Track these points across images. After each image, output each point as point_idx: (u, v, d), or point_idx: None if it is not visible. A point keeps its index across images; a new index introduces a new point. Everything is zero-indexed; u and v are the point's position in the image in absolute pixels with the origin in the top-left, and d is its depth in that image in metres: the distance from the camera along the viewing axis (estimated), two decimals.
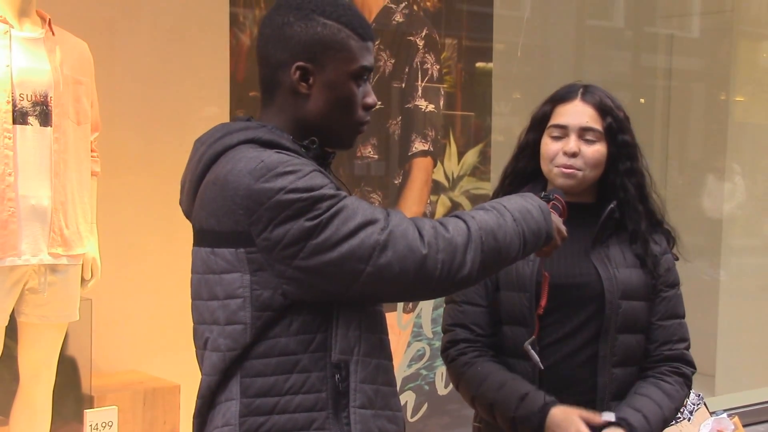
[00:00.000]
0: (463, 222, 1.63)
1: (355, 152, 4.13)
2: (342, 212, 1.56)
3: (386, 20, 4.24)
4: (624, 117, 2.29)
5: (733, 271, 5.89)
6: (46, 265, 2.99)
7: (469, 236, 1.61)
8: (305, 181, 1.55)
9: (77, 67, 3.06)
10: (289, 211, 1.54)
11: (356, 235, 1.55)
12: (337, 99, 1.67)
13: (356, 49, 1.67)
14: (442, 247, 1.58)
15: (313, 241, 1.54)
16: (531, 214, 1.72)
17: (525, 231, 1.70)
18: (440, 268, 1.58)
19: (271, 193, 1.54)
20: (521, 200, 1.75)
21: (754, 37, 6.39)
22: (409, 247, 1.56)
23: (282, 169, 1.55)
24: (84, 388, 3.44)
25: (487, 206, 1.71)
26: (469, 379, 2.27)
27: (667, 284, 2.31)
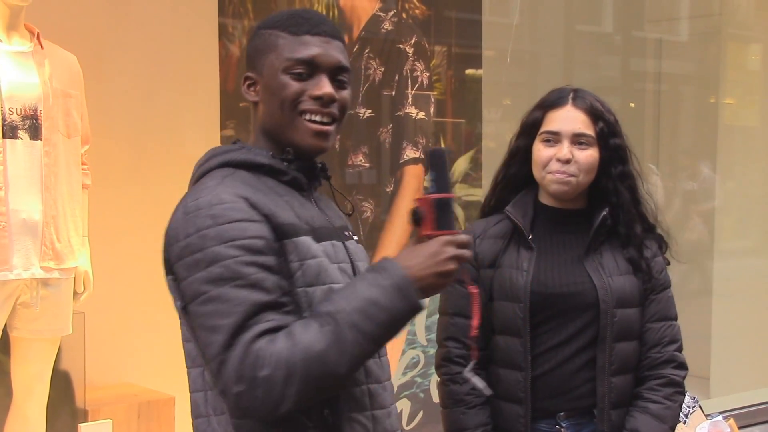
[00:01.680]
0: (287, 352, 1.46)
1: (346, 161, 4.13)
2: (220, 303, 1.50)
3: (375, 28, 4.24)
4: (614, 120, 2.29)
5: (725, 274, 5.90)
6: (38, 279, 2.98)
7: (289, 371, 1.46)
8: (216, 231, 1.52)
9: (66, 80, 3.06)
10: (190, 260, 1.53)
11: (212, 334, 1.49)
12: (273, 96, 1.67)
13: (285, 46, 1.67)
14: (257, 385, 1.46)
15: (192, 304, 1.53)
16: (378, 305, 1.50)
17: (368, 330, 1.50)
18: (257, 405, 1.47)
19: (186, 233, 1.54)
20: (367, 289, 1.52)
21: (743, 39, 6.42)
22: (228, 379, 1.47)
23: (205, 212, 1.53)
24: (78, 401, 3.42)
25: (323, 314, 1.51)
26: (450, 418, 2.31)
27: (657, 287, 2.32)
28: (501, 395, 2.28)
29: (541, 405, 2.25)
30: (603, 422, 2.24)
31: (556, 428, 2.26)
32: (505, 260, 2.28)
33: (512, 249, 2.29)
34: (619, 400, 2.26)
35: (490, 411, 2.30)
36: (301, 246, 1.58)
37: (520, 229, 2.28)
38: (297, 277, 1.57)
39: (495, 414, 2.29)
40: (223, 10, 3.85)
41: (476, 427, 2.27)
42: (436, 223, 1.59)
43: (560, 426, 2.26)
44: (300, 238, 1.59)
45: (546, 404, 2.25)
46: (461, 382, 2.28)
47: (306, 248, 1.59)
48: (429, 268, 1.55)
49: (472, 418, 2.27)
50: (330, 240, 1.67)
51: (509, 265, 2.27)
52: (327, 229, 1.68)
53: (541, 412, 2.25)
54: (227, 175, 1.62)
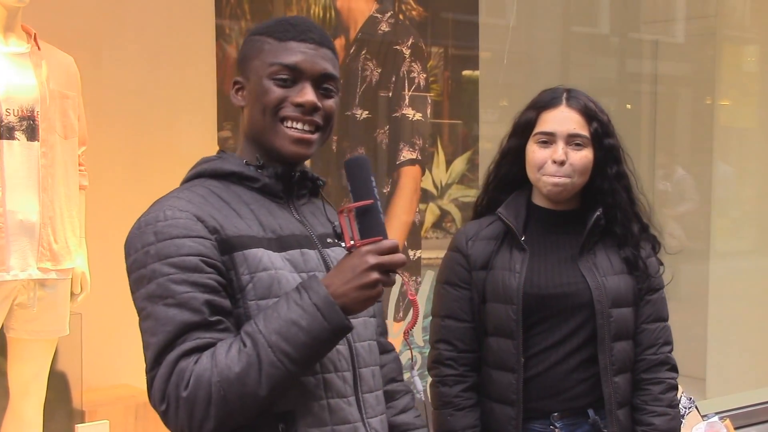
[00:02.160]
0: (208, 373, 1.47)
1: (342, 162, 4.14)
2: (151, 321, 1.53)
3: (372, 30, 4.25)
4: (607, 120, 2.29)
5: (721, 274, 5.91)
6: (35, 280, 2.98)
7: (210, 392, 1.47)
8: (156, 248, 1.54)
9: (64, 81, 3.06)
10: (136, 275, 1.57)
11: (145, 350, 1.54)
12: (256, 101, 1.67)
13: (270, 51, 1.67)
14: (180, 405, 1.48)
15: (139, 319, 1.57)
16: (298, 325, 1.47)
17: (288, 351, 1.47)
18: (181, 424, 1.50)
19: (135, 248, 1.57)
20: (287, 310, 1.49)
21: (738, 41, 6.43)
22: (154, 397, 1.53)
23: (151, 228, 1.55)
24: (75, 402, 3.42)
25: (244, 335, 1.50)
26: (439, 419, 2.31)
27: (651, 288, 2.33)
28: (493, 397, 2.28)
29: (535, 406, 2.26)
30: (612, 424, 2.24)
31: (550, 428, 2.26)
32: (498, 262, 2.28)
33: (505, 250, 2.29)
34: (623, 400, 2.27)
35: (479, 414, 2.30)
36: (251, 259, 1.56)
37: (512, 231, 2.28)
38: (248, 290, 1.56)
39: (486, 416, 2.29)
40: (220, 12, 3.85)
41: (464, 429, 2.28)
42: (360, 234, 1.52)
43: (554, 426, 2.26)
44: (251, 250, 1.56)
45: (540, 405, 2.26)
46: (451, 384, 2.28)
47: (257, 261, 1.56)
48: (349, 283, 1.50)
49: (459, 420, 2.28)
50: (299, 248, 1.64)
51: (502, 266, 2.27)
52: (298, 237, 1.65)
53: (534, 412, 2.26)
54: (191, 187, 1.64)
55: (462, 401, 2.28)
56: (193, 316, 1.51)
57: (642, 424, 2.28)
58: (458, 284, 2.30)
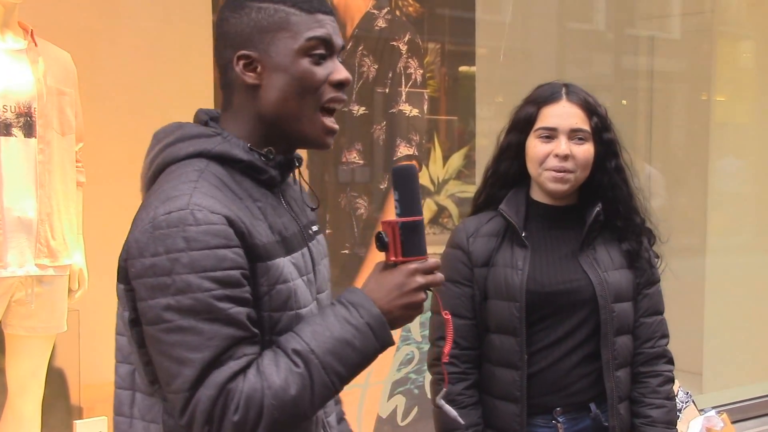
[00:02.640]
0: (260, 394, 1.40)
1: (340, 158, 4.14)
2: (190, 335, 1.39)
3: (369, 26, 4.24)
4: (605, 114, 2.30)
5: (718, 269, 5.92)
6: (33, 277, 2.99)
7: (261, 415, 1.40)
8: (190, 257, 1.38)
9: (61, 77, 3.06)
10: (154, 281, 1.40)
11: (179, 366, 1.40)
12: (291, 81, 1.51)
13: (299, 24, 1.50)
14: (226, 427, 1.40)
15: (151, 327, 1.42)
16: (351, 345, 1.44)
17: (341, 372, 1.45)
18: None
19: (154, 251, 1.40)
20: (339, 329, 1.45)
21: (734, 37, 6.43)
22: (197, 419, 1.40)
23: (178, 232, 1.39)
24: (73, 398, 3.43)
25: (293, 353, 1.44)
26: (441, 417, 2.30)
27: (649, 281, 2.34)
28: (496, 394, 2.28)
29: (538, 401, 2.26)
30: (613, 418, 2.25)
31: (553, 423, 2.26)
32: (500, 259, 2.28)
33: (506, 247, 2.28)
34: (624, 394, 2.28)
35: (481, 411, 2.30)
36: (273, 270, 1.48)
37: (513, 227, 2.28)
38: (263, 301, 1.47)
39: (489, 413, 2.29)
40: (217, 6, 3.84)
41: (467, 428, 2.27)
42: (403, 248, 1.49)
43: (557, 421, 2.26)
44: (274, 261, 1.48)
45: (542, 400, 2.26)
46: (453, 382, 2.28)
47: (278, 273, 1.49)
48: (396, 301, 1.48)
49: (463, 418, 2.26)
50: (300, 249, 1.58)
51: (504, 263, 2.27)
52: (296, 235, 1.59)
53: (537, 408, 2.26)
54: (201, 172, 1.47)
55: (465, 399, 2.28)
56: (239, 331, 1.41)
57: (640, 417, 2.29)
58: (460, 281, 2.29)
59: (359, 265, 4.15)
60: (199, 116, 1.62)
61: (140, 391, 1.53)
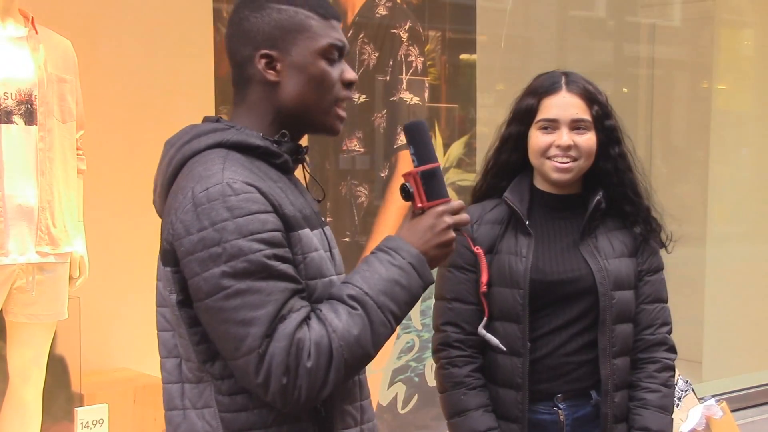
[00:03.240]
0: (327, 339, 1.49)
1: (340, 146, 4.14)
2: (249, 295, 1.47)
3: (370, 13, 4.24)
4: (606, 101, 2.30)
5: (718, 258, 5.93)
6: (34, 264, 2.99)
7: (331, 358, 1.49)
8: (236, 224, 1.47)
9: (61, 65, 3.05)
10: (206, 254, 1.47)
11: (245, 327, 1.47)
12: (310, 80, 1.63)
13: (319, 28, 1.63)
14: (302, 375, 1.47)
15: (210, 299, 1.49)
16: (399, 284, 1.55)
17: (395, 310, 1.55)
18: (301, 395, 1.48)
19: (200, 225, 1.48)
20: (385, 270, 1.56)
21: (735, 25, 6.42)
22: (274, 371, 1.47)
23: (219, 203, 1.48)
24: (74, 386, 3.44)
25: (348, 298, 1.54)
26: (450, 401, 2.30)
27: (651, 269, 2.34)
28: (498, 382, 2.28)
29: (539, 388, 2.26)
30: (607, 405, 2.25)
31: (554, 410, 2.27)
32: (504, 246, 2.28)
33: (510, 235, 2.29)
34: (622, 382, 2.28)
35: (489, 394, 2.31)
36: (304, 239, 1.57)
37: (517, 215, 2.28)
38: (299, 270, 1.55)
39: (492, 400, 2.29)
40: None
41: (478, 408, 2.27)
42: (426, 195, 1.62)
43: (557, 408, 2.27)
44: (303, 230, 1.58)
45: (543, 387, 2.26)
46: (461, 365, 2.28)
47: (309, 241, 1.58)
48: (430, 241, 1.60)
49: (473, 399, 2.27)
50: (318, 228, 1.66)
51: (508, 251, 2.27)
52: (313, 216, 1.66)
53: (538, 394, 2.26)
54: (225, 158, 1.55)
55: (473, 381, 2.28)
56: (292, 284, 1.51)
57: (634, 400, 2.29)
58: (464, 267, 2.30)
59: (360, 253, 4.15)
60: (208, 119, 1.70)
61: (188, 382, 1.59)
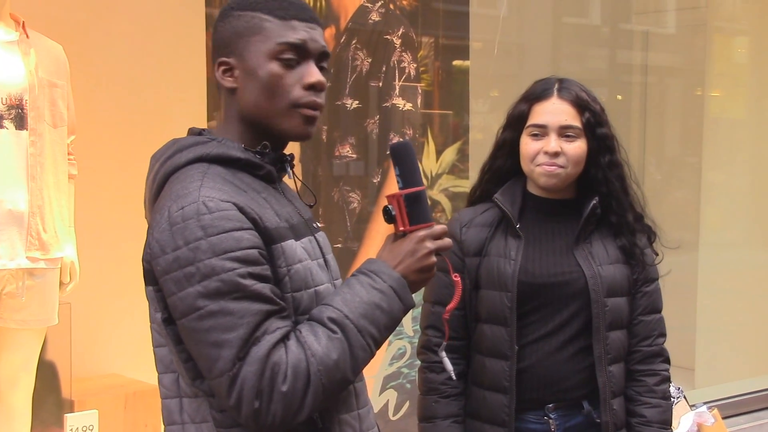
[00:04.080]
0: (305, 363, 1.46)
1: (333, 152, 4.13)
2: (222, 317, 1.44)
3: (363, 19, 4.23)
4: (600, 109, 2.29)
5: (711, 265, 5.93)
6: (24, 270, 2.97)
7: (309, 382, 1.46)
8: (209, 243, 1.45)
9: (53, 69, 3.04)
10: (180, 274, 1.46)
11: (217, 349, 1.45)
12: (261, 83, 1.58)
13: (271, 29, 1.58)
14: (276, 399, 1.44)
15: (185, 319, 1.47)
16: (380, 308, 1.53)
17: (375, 334, 1.53)
18: (276, 419, 1.45)
19: (174, 245, 1.46)
20: (366, 293, 1.54)
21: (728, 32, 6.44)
22: (245, 396, 1.44)
23: (194, 222, 1.45)
24: (64, 392, 3.42)
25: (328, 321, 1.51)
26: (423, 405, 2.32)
27: (647, 279, 2.33)
28: (485, 385, 2.28)
29: (530, 396, 2.25)
30: (607, 413, 2.25)
31: (545, 419, 2.26)
32: (492, 248, 2.28)
33: (499, 237, 2.29)
34: (618, 389, 2.28)
35: (463, 403, 2.30)
36: (288, 251, 1.55)
37: (508, 217, 2.28)
38: (284, 283, 1.54)
39: (479, 404, 2.29)
40: (210, 1, 3.83)
41: (446, 417, 2.28)
42: (409, 218, 1.60)
43: (548, 418, 2.26)
44: (287, 242, 1.55)
45: (534, 395, 2.25)
46: (438, 371, 2.28)
47: (292, 253, 1.56)
48: (411, 266, 1.58)
49: (443, 408, 2.28)
50: (306, 236, 1.64)
51: (496, 253, 2.27)
52: (302, 225, 1.64)
53: (529, 403, 2.25)
54: (204, 173, 1.53)
55: (448, 389, 2.28)
56: (267, 305, 1.47)
57: (635, 416, 2.29)
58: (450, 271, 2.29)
59: (352, 259, 4.14)
60: (192, 132, 1.68)
61: (186, 396, 1.58)
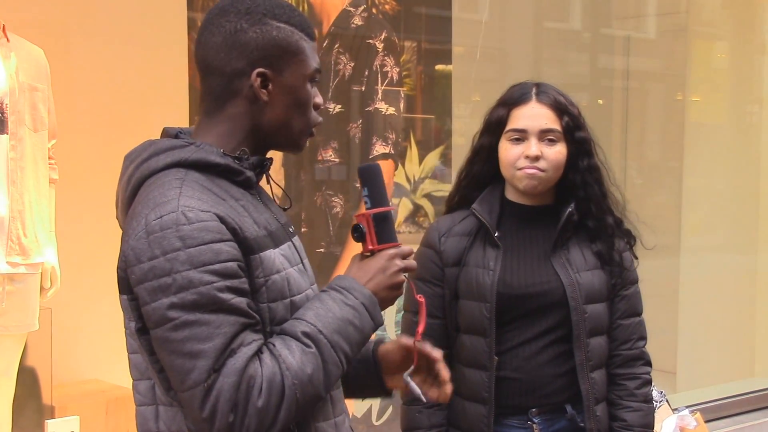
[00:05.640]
0: (280, 377, 1.45)
1: (316, 156, 4.13)
2: (197, 327, 1.42)
3: (345, 24, 4.23)
4: (578, 113, 2.29)
5: (692, 269, 5.96)
6: (4, 275, 2.96)
7: (283, 396, 1.45)
8: (188, 254, 1.43)
9: (33, 73, 3.03)
10: (156, 283, 1.43)
11: (191, 360, 1.42)
12: (296, 103, 1.62)
13: (307, 51, 1.63)
14: (251, 414, 1.43)
15: (159, 329, 1.44)
16: (353, 324, 1.54)
17: (347, 350, 1.54)
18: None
19: (151, 255, 1.44)
20: (339, 309, 1.54)
21: (709, 37, 6.47)
22: (220, 408, 1.42)
23: (172, 232, 1.43)
24: (45, 398, 3.39)
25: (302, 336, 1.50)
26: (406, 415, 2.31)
27: (626, 283, 2.33)
28: (465, 395, 2.27)
29: (512, 402, 2.25)
30: (590, 420, 2.25)
31: (528, 424, 2.26)
32: (471, 258, 2.27)
33: (478, 247, 2.28)
34: (600, 395, 2.28)
35: (446, 413, 2.29)
36: (266, 261, 1.54)
37: (486, 227, 2.28)
38: (261, 293, 1.53)
39: (458, 414, 2.29)
40: (192, 5, 3.82)
41: (430, 428, 2.27)
42: (378, 237, 1.63)
43: (532, 422, 2.26)
44: (265, 252, 1.54)
45: (516, 401, 2.25)
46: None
47: (271, 263, 1.55)
48: (381, 283, 1.60)
49: (427, 418, 2.27)
50: (285, 242, 1.63)
51: (475, 263, 2.26)
52: (279, 230, 1.64)
53: (511, 409, 2.25)
54: (182, 180, 1.51)
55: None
56: (244, 318, 1.47)
57: (617, 420, 2.29)
58: (430, 281, 2.29)
59: (335, 264, 4.13)
60: (167, 132, 1.67)
61: (162, 404, 1.55)
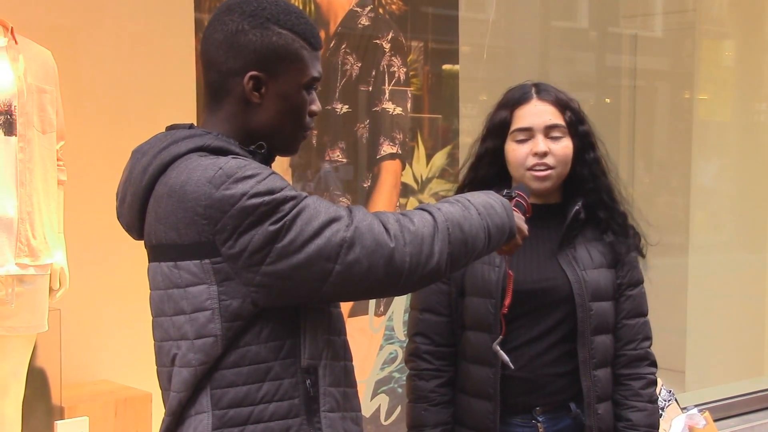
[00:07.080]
0: (429, 213, 1.61)
1: (323, 156, 4.13)
2: (304, 212, 1.53)
3: (352, 24, 4.24)
4: (578, 107, 2.30)
5: (700, 268, 5.94)
6: (14, 276, 2.96)
7: (436, 227, 1.59)
8: (266, 184, 1.52)
9: (41, 75, 3.03)
10: (253, 217, 1.51)
11: (322, 234, 1.52)
12: (289, 109, 1.66)
13: (308, 60, 1.66)
14: (408, 240, 1.55)
15: (278, 245, 1.52)
16: (494, 209, 1.70)
17: (489, 225, 1.68)
18: (409, 261, 1.56)
19: (234, 200, 1.51)
20: (484, 196, 1.72)
21: (716, 35, 6.46)
22: (377, 241, 1.54)
23: (241, 173, 1.52)
24: (54, 399, 3.40)
25: (451, 199, 1.69)
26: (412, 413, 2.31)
27: (631, 282, 2.33)
28: (470, 392, 2.27)
29: (516, 400, 2.25)
30: (591, 417, 2.25)
31: (532, 423, 2.26)
32: None
33: None
34: (603, 394, 2.27)
35: (452, 411, 2.30)
36: None
37: None
38: None
39: (463, 411, 2.29)
40: (200, 6, 3.83)
41: (436, 425, 2.27)
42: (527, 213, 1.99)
43: (536, 420, 2.26)
44: None
45: (521, 400, 2.25)
46: (427, 378, 2.28)
47: None
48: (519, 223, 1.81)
49: (433, 416, 2.27)
50: None
51: (481, 260, 2.26)
52: None
53: (516, 407, 2.25)
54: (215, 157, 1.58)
55: (437, 396, 2.28)
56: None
57: (622, 420, 2.29)
58: None
59: None
60: (174, 127, 1.72)
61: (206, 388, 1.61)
